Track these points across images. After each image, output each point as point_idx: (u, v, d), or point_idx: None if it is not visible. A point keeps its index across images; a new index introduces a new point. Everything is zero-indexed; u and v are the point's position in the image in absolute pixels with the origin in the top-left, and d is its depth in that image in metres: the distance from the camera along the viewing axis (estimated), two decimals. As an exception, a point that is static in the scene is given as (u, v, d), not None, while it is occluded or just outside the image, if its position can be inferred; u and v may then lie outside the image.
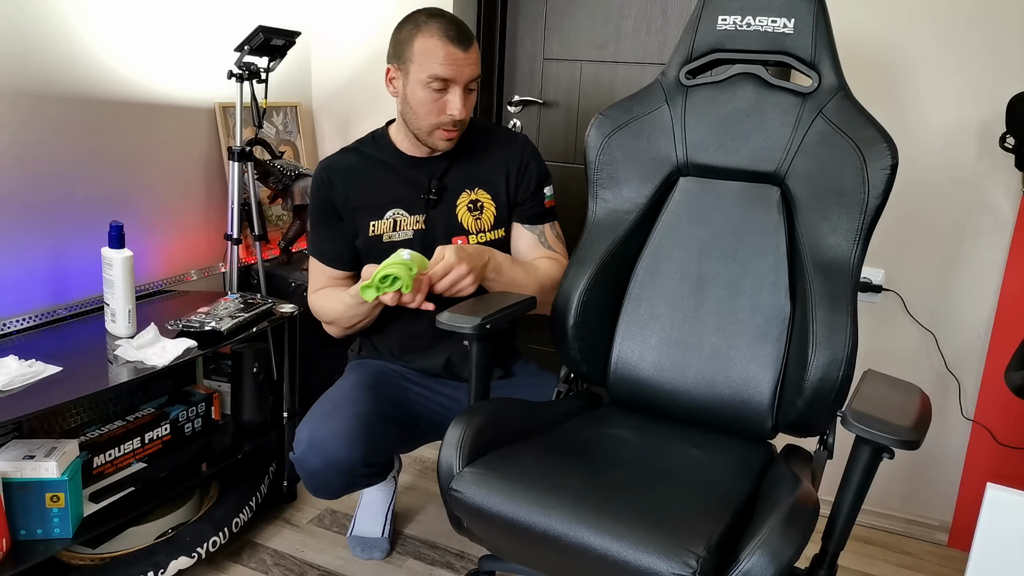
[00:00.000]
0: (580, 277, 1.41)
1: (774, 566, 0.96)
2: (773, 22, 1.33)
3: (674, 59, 1.43)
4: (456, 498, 1.15)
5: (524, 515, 1.08)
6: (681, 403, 1.38)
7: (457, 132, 1.53)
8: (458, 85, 1.47)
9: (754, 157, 1.36)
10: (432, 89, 1.47)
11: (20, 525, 1.37)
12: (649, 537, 1.01)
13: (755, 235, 1.35)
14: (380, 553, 1.78)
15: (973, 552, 0.89)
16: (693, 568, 0.96)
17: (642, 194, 1.44)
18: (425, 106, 1.48)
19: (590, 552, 1.03)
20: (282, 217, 2.27)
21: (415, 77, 1.47)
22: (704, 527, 1.03)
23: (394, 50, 1.52)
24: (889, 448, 0.99)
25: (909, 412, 1.02)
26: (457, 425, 1.21)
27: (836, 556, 1.09)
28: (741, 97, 1.37)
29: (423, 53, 1.46)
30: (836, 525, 1.07)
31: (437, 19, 1.48)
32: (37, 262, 1.67)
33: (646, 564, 0.99)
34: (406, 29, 1.49)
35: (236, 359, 1.83)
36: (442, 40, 1.45)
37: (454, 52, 1.45)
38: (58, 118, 1.68)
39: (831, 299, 1.24)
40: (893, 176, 1.23)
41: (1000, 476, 1.83)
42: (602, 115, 1.46)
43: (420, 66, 1.46)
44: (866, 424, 0.98)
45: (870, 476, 1.04)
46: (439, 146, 1.55)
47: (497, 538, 1.19)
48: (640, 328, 1.42)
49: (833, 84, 1.31)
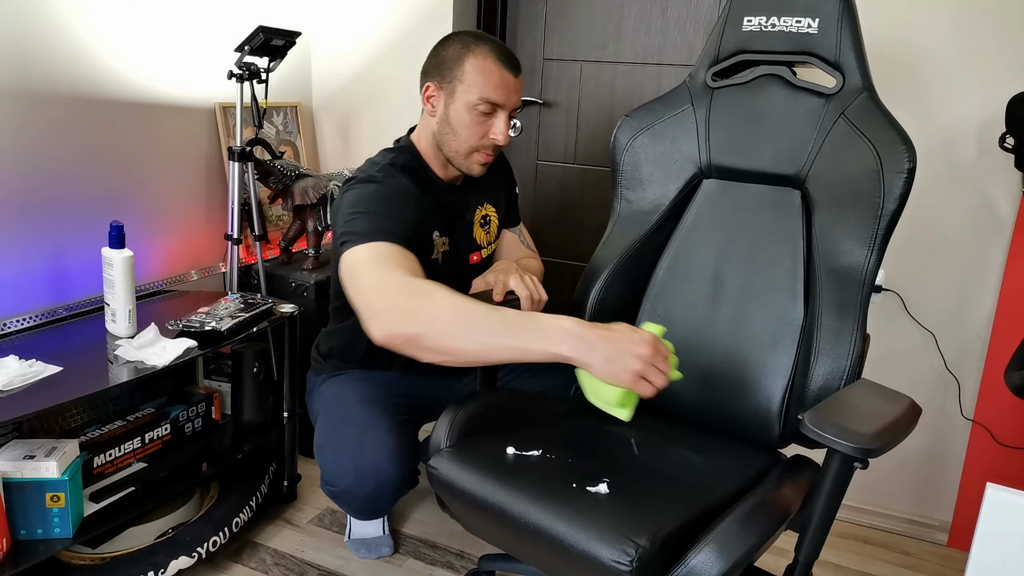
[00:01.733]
0: (598, 275, 1.42)
1: (720, 563, 0.96)
2: (797, 22, 1.32)
3: (702, 61, 1.43)
4: (433, 475, 1.19)
5: (487, 493, 1.11)
6: (691, 406, 1.38)
7: (493, 157, 1.52)
8: (505, 110, 1.46)
9: (776, 159, 1.34)
10: (479, 112, 1.44)
11: (20, 525, 1.37)
12: (596, 524, 1.02)
13: (774, 239, 1.34)
14: (388, 550, 1.77)
15: (973, 552, 0.89)
16: (631, 557, 0.96)
17: (665, 195, 1.44)
18: (468, 128, 1.46)
19: (541, 534, 1.04)
20: (282, 217, 2.27)
21: (463, 98, 1.44)
22: (656, 520, 1.03)
23: (437, 68, 1.47)
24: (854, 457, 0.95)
25: (876, 420, 0.99)
26: (451, 409, 1.25)
27: (809, 565, 1.07)
28: (765, 99, 1.36)
29: (475, 74, 1.43)
30: (807, 534, 1.04)
31: (488, 42, 1.45)
32: (37, 262, 1.67)
33: (587, 549, 0.99)
34: (453, 48, 1.45)
35: (236, 359, 1.83)
36: (496, 63, 1.43)
37: (507, 77, 1.44)
38: (58, 118, 1.68)
39: (839, 306, 1.22)
40: (910, 181, 1.20)
41: (1000, 476, 1.83)
42: (628, 117, 1.47)
43: (471, 87, 1.43)
44: (821, 429, 0.95)
45: (842, 485, 1.00)
46: (474, 170, 1.52)
47: (467, 516, 1.22)
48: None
49: (857, 85, 1.29)
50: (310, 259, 2.10)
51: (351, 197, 1.40)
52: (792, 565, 1.08)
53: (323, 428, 1.52)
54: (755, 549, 0.98)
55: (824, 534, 1.04)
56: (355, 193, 1.40)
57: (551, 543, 1.03)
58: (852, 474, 0.99)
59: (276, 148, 2.10)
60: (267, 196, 2.14)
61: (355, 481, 1.41)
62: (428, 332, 1.10)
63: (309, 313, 2.02)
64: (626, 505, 1.08)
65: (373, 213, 1.34)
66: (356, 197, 1.39)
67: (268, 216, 2.23)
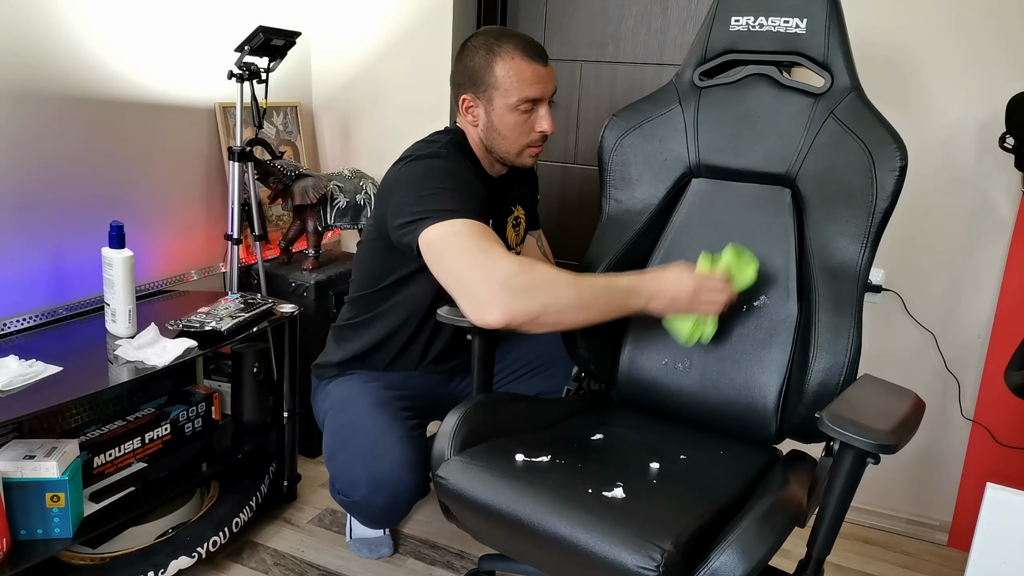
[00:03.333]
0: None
1: (744, 564, 0.96)
2: (786, 22, 1.32)
3: (688, 61, 1.43)
4: (441, 484, 1.17)
5: (500, 503, 1.10)
6: (686, 404, 1.38)
7: (543, 147, 1.52)
8: (545, 101, 1.46)
9: (766, 158, 1.35)
10: (521, 111, 1.44)
11: (20, 525, 1.37)
12: (618, 530, 1.01)
13: (765, 238, 1.35)
14: (388, 550, 1.76)
15: (973, 552, 0.89)
16: (657, 562, 0.95)
17: (654, 195, 1.44)
18: (515, 129, 1.46)
19: (560, 542, 1.03)
20: (282, 217, 2.27)
21: (502, 103, 1.43)
22: (677, 523, 1.03)
23: (469, 79, 1.46)
24: (871, 453, 0.97)
25: (891, 416, 1.01)
26: (453, 415, 1.23)
27: (821, 561, 1.08)
28: (754, 98, 1.37)
29: (509, 77, 1.42)
30: (820, 530, 1.06)
31: (510, 38, 1.44)
32: (37, 262, 1.67)
33: (612, 555, 0.99)
34: (479, 55, 1.44)
35: (236, 359, 1.83)
36: (526, 60, 1.42)
37: (539, 70, 1.43)
38: (58, 118, 1.67)
39: (836, 303, 1.23)
40: (902, 178, 1.22)
41: (1000, 476, 1.83)
42: (616, 116, 1.46)
43: (508, 91, 1.42)
44: (840, 426, 0.97)
45: (855, 481, 1.02)
46: (527, 163, 1.53)
47: (478, 525, 1.21)
48: (649, 328, 1.41)
49: (846, 84, 1.30)
50: (310, 259, 2.10)
51: (418, 171, 1.35)
52: (804, 561, 1.09)
53: (333, 434, 1.51)
54: (775, 548, 0.99)
55: (836, 529, 1.06)
56: (422, 168, 1.36)
57: (571, 551, 1.02)
58: (864, 469, 1.01)
59: (276, 148, 2.10)
60: (267, 196, 2.14)
61: (369, 492, 1.40)
62: (548, 310, 1.15)
63: (309, 313, 2.02)
64: (644, 509, 1.07)
65: (453, 189, 1.31)
66: (427, 172, 1.34)
67: (268, 216, 2.23)
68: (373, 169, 2.27)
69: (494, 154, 1.51)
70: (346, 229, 2.17)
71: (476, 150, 1.53)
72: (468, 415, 1.24)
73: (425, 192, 1.30)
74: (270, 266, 2.11)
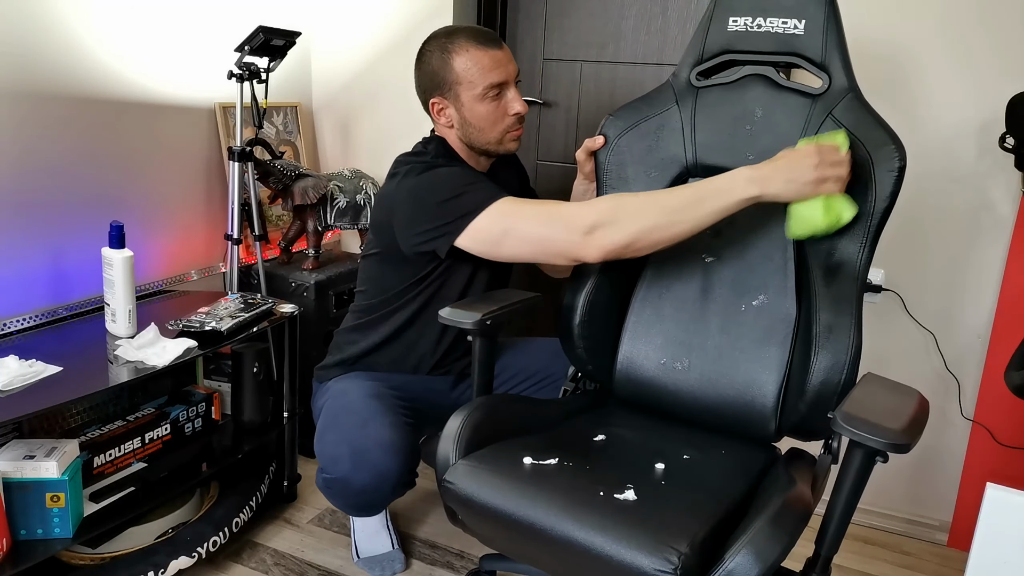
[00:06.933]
0: (588, 276, 1.42)
1: (759, 566, 0.96)
2: (784, 23, 1.32)
3: (685, 60, 1.43)
4: (449, 489, 1.17)
5: (512, 508, 1.09)
6: (685, 404, 1.38)
7: (522, 129, 1.54)
8: (511, 83, 1.48)
9: (762, 158, 1.34)
10: (490, 98, 1.46)
11: (20, 525, 1.37)
12: (633, 533, 1.01)
13: (763, 237, 1.35)
14: (400, 565, 1.70)
15: (973, 552, 0.89)
16: (675, 564, 0.96)
17: None
18: (488, 118, 1.48)
19: (574, 546, 1.03)
20: (282, 217, 2.27)
21: (469, 95, 1.46)
22: (690, 525, 1.03)
23: (431, 83, 1.48)
24: (881, 451, 0.98)
25: (901, 415, 1.01)
26: (456, 419, 1.23)
27: (829, 559, 1.08)
28: (751, 98, 1.37)
29: (468, 69, 1.44)
30: (829, 528, 1.06)
31: (460, 32, 1.46)
32: (37, 262, 1.67)
33: (628, 559, 0.99)
34: (434, 56, 1.46)
35: (236, 359, 1.83)
36: (480, 48, 1.44)
37: (496, 54, 1.45)
38: (58, 118, 1.68)
39: (835, 302, 1.24)
40: (900, 179, 1.22)
41: (1000, 476, 1.83)
42: (612, 116, 1.46)
43: (471, 82, 1.45)
44: (855, 427, 0.97)
45: (863, 480, 1.03)
46: (511, 148, 1.55)
47: (487, 530, 1.20)
48: (646, 328, 1.42)
49: (843, 85, 1.30)
50: (310, 259, 2.10)
51: (424, 183, 1.40)
52: (812, 559, 1.09)
53: (325, 417, 1.52)
54: (788, 549, 0.99)
55: (845, 527, 1.06)
56: (427, 179, 1.40)
57: (586, 555, 1.02)
58: (873, 467, 1.01)
59: (276, 148, 2.10)
60: (267, 196, 2.14)
61: (351, 467, 1.40)
62: (640, 233, 1.23)
63: (309, 313, 2.02)
64: (656, 511, 1.07)
65: (472, 183, 1.38)
66: (436, 181, 1.40)
67: (268, 216, 2.23)
68: (373, 169, 2.28)
69: (476, 148, 1.53)
70: (346, 229, 2.17)
71: (460, 151, 1.55)
72: (471, 418, 1.23)
73: (446, 197, 1.36)
74: (270, 266, 2.12)
